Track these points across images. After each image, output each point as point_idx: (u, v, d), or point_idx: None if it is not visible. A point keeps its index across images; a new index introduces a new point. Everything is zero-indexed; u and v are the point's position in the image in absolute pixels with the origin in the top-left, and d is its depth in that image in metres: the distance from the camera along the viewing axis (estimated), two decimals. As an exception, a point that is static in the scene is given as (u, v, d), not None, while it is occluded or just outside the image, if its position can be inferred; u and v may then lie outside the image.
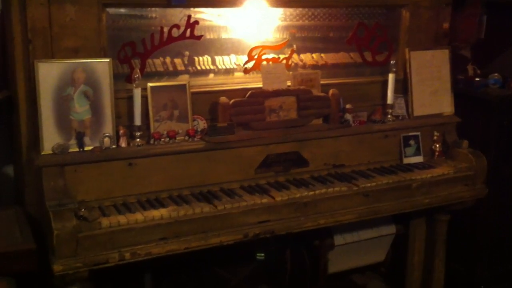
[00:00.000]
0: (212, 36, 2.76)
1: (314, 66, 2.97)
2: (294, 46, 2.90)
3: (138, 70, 2.47)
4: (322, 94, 2.86)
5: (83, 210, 2.23)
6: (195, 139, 2.58)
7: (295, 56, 2.91)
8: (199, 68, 2.73)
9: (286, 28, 2.91)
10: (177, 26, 2.58)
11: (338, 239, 3.31)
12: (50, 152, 2.32)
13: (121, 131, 2.44)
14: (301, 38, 2.95)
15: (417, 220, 3.37)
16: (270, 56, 2.83)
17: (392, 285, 3.62)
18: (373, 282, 3.66)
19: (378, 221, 3.31)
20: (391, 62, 3.00)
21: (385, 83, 3.03)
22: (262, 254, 3.20)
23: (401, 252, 3.48)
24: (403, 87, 3.12)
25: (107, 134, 2.40)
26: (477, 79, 3.56)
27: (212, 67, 2.76)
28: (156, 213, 2.32)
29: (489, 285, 3.62)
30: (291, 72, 2.84)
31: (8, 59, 2.54)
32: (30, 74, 2.34)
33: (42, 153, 2.32)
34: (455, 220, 3.28)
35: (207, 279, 3.12)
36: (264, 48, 2.80)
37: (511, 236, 3.64)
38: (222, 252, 2.53)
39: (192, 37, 2.62)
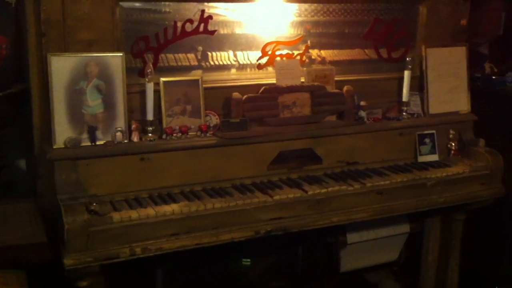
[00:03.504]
0: (226, 31, 2.73)
1: (329, 62, 2.94)
2: (309, 42, 2.87)
3: (151, 65, 2.46)
4: (336, 90, 2.83)
5: (94, 204, 2.22)
6: (208, 134, 2.56)
7: (310, 52, 2.88)
8: (212, 63, 2.71)
9: (301, 23, 2.87)
10: (190, 21, 2.56)
11: (352, 237, 3.28)
12: (62, 146, 2.32)
13: (133, 126, 2.43)
14: (316, 34, 2.92)
15: (432, 219, 3.34)
16: (284, 52, 2.80)
17: (405, 284, 3.59)
18: (386, 281, 3.63)
19: (392, 219, 3.28)
20: (407, 59, 2.96)
21: (400, 80, 2.99)
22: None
23: (414, 251, 3.45)
24: (419, 84, 3.08)
25: (120, 129, 2.40)
26: (494, 77, 3.51)
27: (225, 62, 2.74)
28: (168, 209, 2.31)
29: (504, 284, 3.57)
30: (305, 68, 2.82)
31: (23, 52, 2.54)
32: (43, 67, 2.34)
33: (55, 147, 2.31)
34: (473, 219, 3.24)
35: (219, 275, 3.11)
36: (278, 43, 2.78)
37: None
38: (235, 247, 2.51)
39: (206, 32, 2.60)
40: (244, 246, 2.57)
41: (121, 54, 2.40)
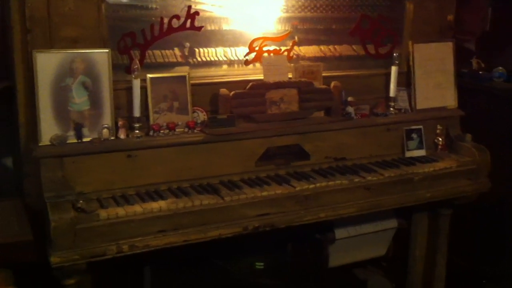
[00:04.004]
0: (213, 28, 2.73)
1: (316, 58, 2.94)
2: (296, 38, 2.87)
3: (138, 61, 2.45)
4: (324, 86, 2.83)
5: (81, 201, 2.21)
6: (195, 131, 2.55)
7: (297, 48, 2.88)
8: (199, 59, 2.71)
9: (288, 19, 2.88)
10: (177, 17, 2.55)
11: (340, 233, 3.29)
12: (48, 143, 2.30)
13: (120, 123, 2.42)
14: (303, 30, 2.93)
15: (419, 214, 3.35)
16: (272, 48, 2.80)
17: (393, 279, 3.60)
18: (374, 276, 3.64)
19: (379, 215, 3.29)
20: (394, 54, 2.97)
21: (388, 75, 3.00)
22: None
23: (402, 246, 3.46)
24: (406, 80, 3.09)
25: (106, 126, 2.38)
26: (481, 72, 3.53)
27: (213, 58, 2.74)
28: (155, 205, 2.30)
29: (492, 280, 3.60)
30: (292, 64, 2.82)
31: (8, 48, 2.52)
32: (28, 64, 2.32)
33: (40, 144, 2.30)
34: (459, 215, 3.26)
35: (207, 272, 3.11)
36: (265, 39, 2.78)
37: None
38: (223, 244, 2.51)
39: (193, 28, 2.59)
40: (232, 243, 2.57)
41: (107, 51, 2.38)
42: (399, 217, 3.41)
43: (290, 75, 2.79)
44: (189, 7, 2.57)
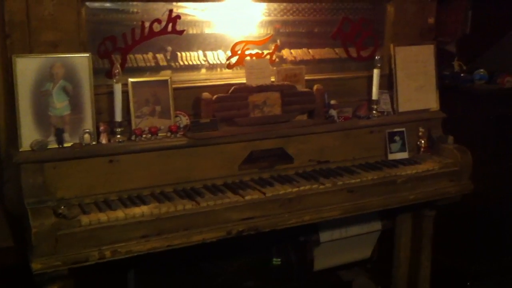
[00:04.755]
0: (195, 31, 2.72)
1: (299, 62, 2.95)
2: (278, 41, 2.87)
3: (119, 65, 2.43)
4: (306, 89, 2.83)
5: (62, 207, 2.19)
6: (178, 135, 2.54)
7: (279, 51, 2.88)
8: (182, 63, 2.70)
9: (270, 23, 2.88)
10: (158, 21, 2.54)
11: (324, 236, 3.30)
12: (29, 148, 2.28)
13: (101, 127, 2.40)
14: (285, 33, 2.92)
15: (403, 216, 3.36)
16: (254, 51, 2.80)
17: (378, 281, 3.62)
18: (359, 278, 3.65)
19: (364, 217, 3.30)
20: (376, 57, 2.98)
21: (370, 78, 3.01)
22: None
23: (387, 248, 3.47)
24: (388, 83, 3.11)
25: (87, 130, 2.37)
26: (462, 74, 3.56)
27: (195, 62, 2.73)
28: (138, 210, 2.29)
29: (477, 279, 3.62)
30: (275, 68, 2.82)
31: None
32: (8, 69, 2.29)
33: (21, 150, 2.27)
34: (443, 215, 3.28)
35: (192, 275, 3.10)
36: (247, 43, 2.78)
37: (498, 231, 3.65)
38: (208, 247, 2.50)
39: (174, 32, 2.59)
40: (217, 247, 2.56)
41: (88, 55, 2.37)
42: (383, 219, 3.43)
43: (272, 79, 2.79)
44: (171, 11, 2.57)
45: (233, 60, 2.77)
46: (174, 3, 2.61)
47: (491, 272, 3.67)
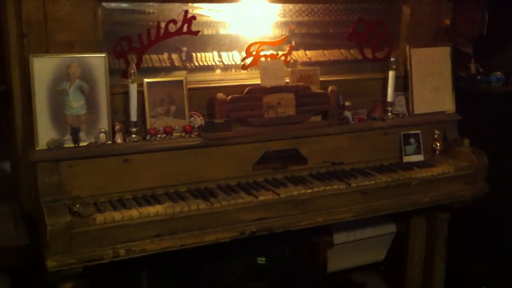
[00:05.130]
0: (210, 32, 2.73)
1: (313, 63, 2.94)
2: (293, 42, 2.87)
3: (134, 65, 2.45)
4: (320, 90, 2.83)
5: (77, 206, 2.21)
6: (192, 135, 2.55)
7: (294, 52, 2.88)
8: (196, 64, 2.71)
9: (285, 24, 2.88)
10: (174, 21, 2.55)
11: (338, 238, 3.29)
12: (45, 147, 2.30)
13: (117, 127, 2.42)
14: (300, 34, 2.92)
15: (417, 219, 3.34)
16: (269, 52, 2.80)
17: (391, 283, 3.60)
18: (372, 280, 3.64)
19: (378, 219, 3.29)
20: (392, 59, 2.97)
21: (385, 80, 3.00)
22: (263, 259, 3.18)
23: (400, 250, 3.45)
24: (403, 84, 3.09)
25: (103, 130, 2.38)
26: (479, 76, 3.53)
27: (210, 63, 2.73)
28: (152, 210, 2.30)
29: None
30: (289, 69, 2.82)
31: (3, 53, 2.52)
32: (25, 68, 2.32)
33: (37, 148, 2.29)
34: (456, 218, 3.25)
35: (204, 276, 3.10)
36: (262, 44, 2.78)
37: (499, 232, 3.61)
38: (221, 248, 2.50)
39: (189, 33, 2.60)
40: (229, 247, 2.57)
41: (104, 55, 2.39)
42: (397, 221, 3.41)
43: (287, 80, 2.79)
44: (186, 11, 2.58)
45: (248, 61, 2.77)
46: (190, 4, 2.62)
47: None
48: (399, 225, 3.43)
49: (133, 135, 2.45)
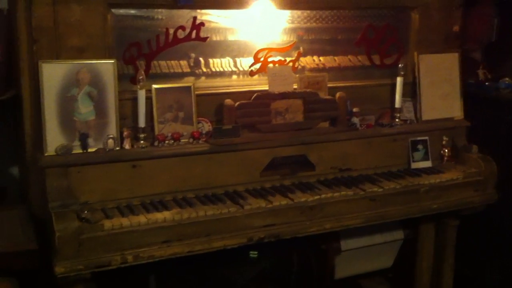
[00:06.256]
0: (218, 38, 2.73)
1: (322, 69, 2.94)
2: (301, 49, 2.87)
3: (143, 71, 2.46)
4: (329, 97, 2.83)
5: (86, 211, 2.22)
6: (200, 141, 2.56)
7: (302, 58, 2.88)
8: (205, 70, 2.71)
9: (294, 30, 2.88)
10: (182, 28, 2.56)
11: (346, 244, 3.28)
12: (54, 153, 2.31)
13: (125, 133, 2.43)
14: (308, 41, 2.92)
15: (426, 225, 3.33)
16: (277, 58, 2.80)
17: (399, 290, 3.58)
18: (380, 287, 3.62)
19: (386, 226, 3.28)
20: (400, 65, 2.96)
21: (393, 86, 2.99)
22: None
23: (408, 257, 3.44)
24: (411, 91, 3.08)
25: (111, 136, 2.39)
26: (487, 83, 3.52)
27: (218, 69, 2.74)
28: (160, 216, 2.31)
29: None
30: (297, 75, 2.82)
31: (14, 58, 2.54)
32: (34, 74, 2.33)
33: (46, 154, 2.31)
34: (464, 224, 3.24)
35: (212, 281, 3.10)
36: (270, 50, 2.78)
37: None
38: (229, 254, 2.50)
39: (198, 39, 2.60)
40: (237, 254, 2.56)
41: (113, 61, 2.39)
42: (406, 228, 3.39)
43: (295, 86, 2.79)
44: (195, 18, 2.58)
45: (256, 67, 2.77)
46: (198, 10, 2.62)
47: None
48: (407, 231, 3.42)
49: (141, 141, 2.45)
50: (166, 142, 2.49)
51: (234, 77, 2.78)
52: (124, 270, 2.28)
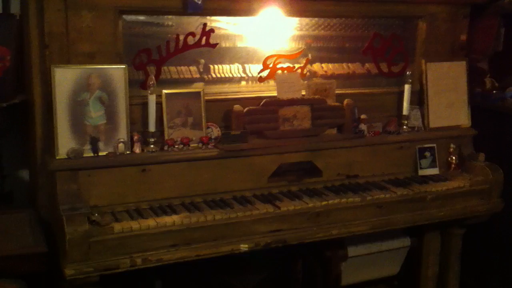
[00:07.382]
0: (227, 45, 2.76)
1: (329, 76, 2.96)
2: (309, 56, 2.90)
3: (153, 77, 2.48)
4: (336, 104, 2.85)
5: (95, 215, 2.24)
6: (209, 146, 2.58)
7: (310, 65, 2.91)
8: (214, 76, 2.74)
9: (302, 37, 2.91)
10: (192, 34, 2.59)
11: (352, 251, 3.27)
12: (65, 156, 2.33)
13: (135, 137, 2.45)
14: (316, 48, 2.95)
15: (432, 233, 3.33)
16: (285, 65, 2.82)
17: (405, 298, 3.58)
18: (386, 295, 3.62)
19: (392, 233, 3.28)
20: (407, 73, 2.98)
21: (400, 94, 3.01)
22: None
23: (414, 265, 3.44)
24: (418, 99, 3.10)
25: (121, 140, 2.41)
26: (494, 92, 3.53)
27: (227, 75, 2.77)
28: (168, 220, 2.32)
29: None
30: (305, 82, 2.84)
31: (25, 63, 2.57)
32: (46, 79, 2.36)
33: (57, 157, 2.33)
34: (467, 234, 3.24)
35: (218, 286, 3.10)
36: (279, 57, 2.81)
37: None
38: (234, 259, 2.51)
39: (207, 45, 2.63)
40: (243, 259, 2.57)
41: (124, 67, 2.42)
42: (411, 236, 3.39)
43: (303, 92, 2.81)
44: (205, 24, 2.61)
45: (265, 73, 2.80)
46: (208, 17, 2.65)
47: None
48: (413, 239, 3.42)
49: (151, 146, 2.48)
50: (176, 146, 2.51)
51: (243, 83, 2.81)
52: (131, 275, 2.29)
